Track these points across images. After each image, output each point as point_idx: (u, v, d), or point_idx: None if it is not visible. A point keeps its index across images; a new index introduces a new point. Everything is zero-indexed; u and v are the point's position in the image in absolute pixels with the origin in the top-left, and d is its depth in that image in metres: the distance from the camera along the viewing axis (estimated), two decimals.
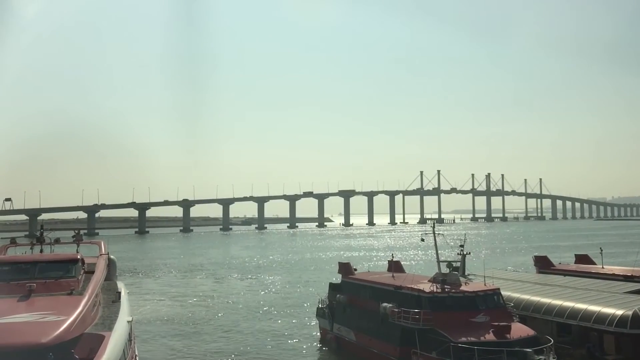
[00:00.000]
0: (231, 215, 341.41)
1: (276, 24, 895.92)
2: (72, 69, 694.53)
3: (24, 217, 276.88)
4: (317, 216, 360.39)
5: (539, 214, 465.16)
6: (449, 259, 40.62)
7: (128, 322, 25.26)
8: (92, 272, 28.03)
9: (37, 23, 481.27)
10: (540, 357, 29.40)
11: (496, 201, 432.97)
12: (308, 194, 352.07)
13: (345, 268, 46.52)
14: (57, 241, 34.05)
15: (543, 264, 53.40)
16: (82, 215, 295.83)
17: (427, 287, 35.56)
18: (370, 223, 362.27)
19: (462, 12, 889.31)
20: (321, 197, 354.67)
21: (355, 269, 47.42)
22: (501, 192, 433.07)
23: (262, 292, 74.02)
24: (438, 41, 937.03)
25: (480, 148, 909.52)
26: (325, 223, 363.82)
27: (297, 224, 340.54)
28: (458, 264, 41.85)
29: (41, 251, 31.35)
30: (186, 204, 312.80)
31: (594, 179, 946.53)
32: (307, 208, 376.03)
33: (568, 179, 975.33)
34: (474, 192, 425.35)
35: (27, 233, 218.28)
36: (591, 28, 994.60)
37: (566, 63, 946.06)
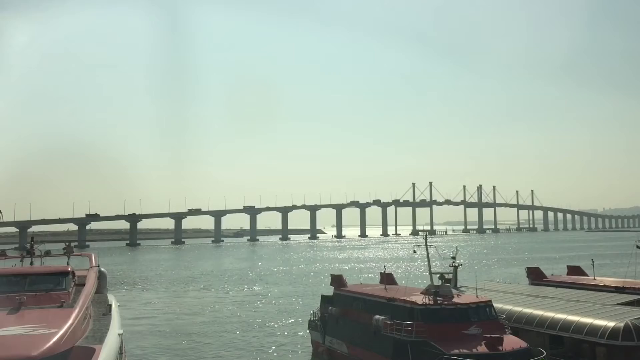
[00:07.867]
0: (223, 227, 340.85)
1: (271, 41, 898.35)
2: (62, 89, 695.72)
3: (14, 229, 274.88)
4: (309, 228, 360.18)
5: (531, 226, 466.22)
6: (441, 271, 40.69)
7: (119, 335, 25.03)
8: (83, 285, 27.77)
9: (28, 49, 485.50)
10: None
11: (488, 213, 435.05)
12: (300, 206, 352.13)
13: (337, 280, 46.32)
14: (47, 253, 33.76)
15: (535, 276, 53.39)
16: (73, 227, 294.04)
17: (419, 299, 35.52)
18: (363, 235, 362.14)
19: (452, 37, 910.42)
20: (313, 209, 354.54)
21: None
22: (493, 204, 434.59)
23: (254, 305, 73.65)
24: (431, 63, 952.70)
25: (470, 159, 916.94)
26: (318, 235, 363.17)
27: (289, 236, 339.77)
28: (450, 276, 41.98)
29: (31, 263, 31.06)
30: (178, 216, 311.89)
31: (584, 191, 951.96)
32: (299, 220, 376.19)
33: (558, 191, 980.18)
34: (466, 204, 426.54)
35: (17, 245, 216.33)
36: (582, 44, 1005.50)
37: (553, 79, 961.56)
